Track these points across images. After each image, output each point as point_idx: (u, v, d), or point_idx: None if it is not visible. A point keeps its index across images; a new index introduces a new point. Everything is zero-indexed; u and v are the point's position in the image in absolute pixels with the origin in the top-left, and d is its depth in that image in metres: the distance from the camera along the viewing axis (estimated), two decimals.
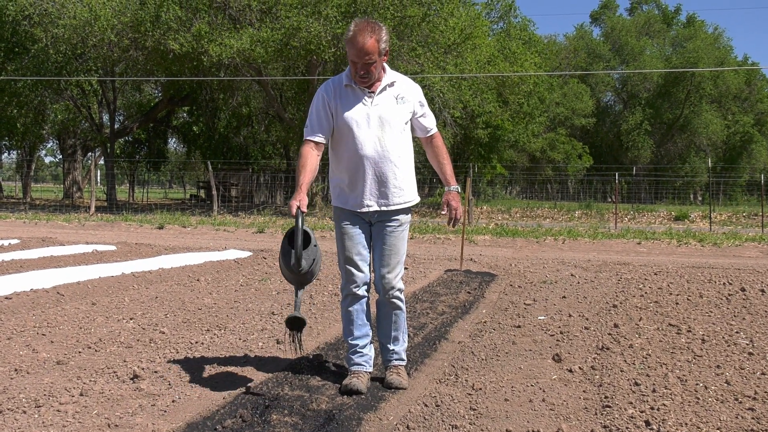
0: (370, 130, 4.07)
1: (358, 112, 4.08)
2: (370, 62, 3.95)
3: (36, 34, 24.87)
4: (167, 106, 34.41)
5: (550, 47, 46.57)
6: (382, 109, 4.10)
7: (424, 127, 4.32)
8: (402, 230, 4.25)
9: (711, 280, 9.25)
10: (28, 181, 40.33)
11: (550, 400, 3.96)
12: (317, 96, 4.17)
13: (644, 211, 29.37)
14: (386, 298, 4.24)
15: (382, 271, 4.20)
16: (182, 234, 16.39)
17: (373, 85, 4.12)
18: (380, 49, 3.96)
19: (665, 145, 53.08)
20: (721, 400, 3.96)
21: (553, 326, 6.07)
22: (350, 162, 4.12)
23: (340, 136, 4.13)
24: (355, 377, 4.11)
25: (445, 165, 4.35)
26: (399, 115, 4.14)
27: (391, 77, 4.17)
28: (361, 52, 3.92)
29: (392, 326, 4.30)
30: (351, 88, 4.12)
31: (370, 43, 3.90)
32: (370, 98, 4.10)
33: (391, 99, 4.14)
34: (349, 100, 4.11)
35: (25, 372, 4.35)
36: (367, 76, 4.02)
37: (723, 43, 54.43)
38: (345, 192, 4.20)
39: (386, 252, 4.20)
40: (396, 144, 4.13)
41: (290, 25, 21.52)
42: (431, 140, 4.35)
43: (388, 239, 4.20)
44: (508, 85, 28.95)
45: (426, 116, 4.31)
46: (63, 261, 9.88)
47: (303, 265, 3.82)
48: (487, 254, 12.61)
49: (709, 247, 14.57)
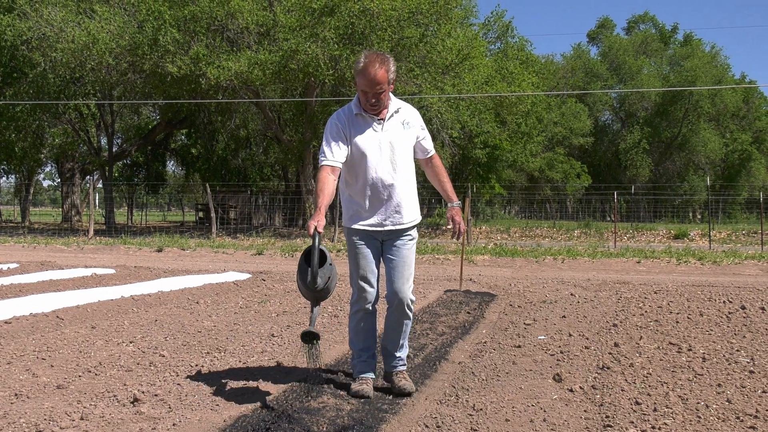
0: (383, 155, 4.35)
1: (370, 138, 4.36)
2: (380, 91, 4.24)
3: (34, 59, 24.95)
4: (165, 128, 34.50)
5: (548, 67, 46.80)
6: (392, 135, 4.38)
7: (425, 149, 4.61)
8: (413, 244, 4.51)
9: (711, 299, 9.25)
10: (26, 205, 40.37)
11: (551, 420, 3.95)
12: (331, 124, 4.40)
13: (643, 229, 29.38)
14: (399, 310, 4.46)
15: (397, 283, 4.43)
16: (181, 256, 16.38)
17: (381, 113, 4.39)
18: (389, 79, 4.25)
19: (664, 163, 53.22)
20: (723, 419, 3.95)
21: (554, 346, 6.06)
22: (364, 186, 4.37)
23: (354, 162, 4.37)
24: (363, 383, 4.44)
25: (446, 183, 4.64)
26: (406, 139, 4.44)
27: (396, 104, 4.46)
28: (372, 82, 4.20)
29: (400, 335, 4.54)
30: (361, 117, 4.38)
31: (380, 73, 4.19)
32: (380, 125, 4.39)
33: (399, 125, 4.43)
34: (361, 127, 4.38)
35: (25, 396, 4.33)
36: (377, 104, 4.31)
37: (720, 61, 54.74)
38: (359, 213, 4.44)
39: (399, 264, 4.44)
40: (405, 167, 4.42)
41: (288, 47, 21.62)
42: (431, 161, 4.64)
43: (401, 253, 4.45)
44: (506, 105, 29.04)
45: (426, 139, 4.60)
46: (62, 285, 9.87)
47: (319, 282, 3.98)
48: (486, 274, 12.61)
49: (709, 265, 14.57)
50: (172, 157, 44.22)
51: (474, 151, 33.15)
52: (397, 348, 4.57)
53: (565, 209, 46.14)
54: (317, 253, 3.99)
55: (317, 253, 3.99)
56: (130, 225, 36.49)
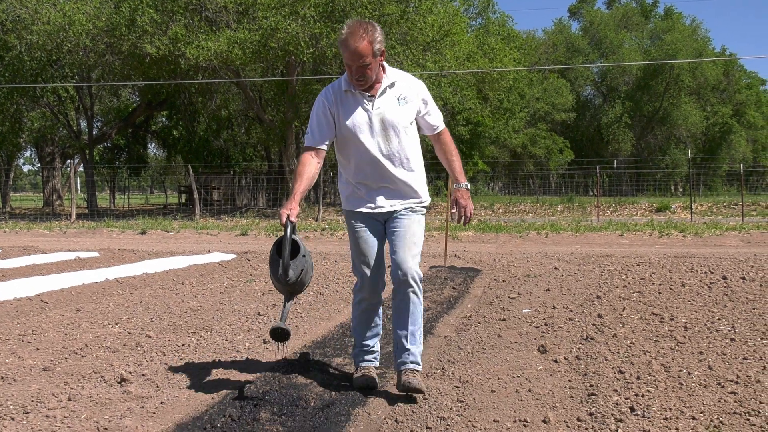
0: (374, 135, 3.97)
1: (359, 117, 3.96)
2: (365, 65, 3.81)
3: (10, 41, 24.65)
4: (145, 110, 34.24)
5: (529, 42, 46.72)
6: (384, 112, 3.97)
7: (431, 125, 4.18)
8: (416, 214, 4.08)
9: (693, 270, 9.35)
10: (7, 190, 39.97)
11: (536, 390, 4.00)
12: (317, 103, 4.05)
13: (626, 203, 29.57)
14: (404, 285, 3.97)
15: (398, 254, 3.98)
16: (165, 238, 16.33)
17: (372, 88, 3.99)
18: (374, 51, 3.81)
19: (645, 137, 53.44)
20: (704, 385, 4.01)
21: (538, 318, 6.12)
22: (358, 168, 4.03)
23: (345, 143, 4.03)
24: (366, 371, 4.10)
25: (454, 161, 4.18)
26: (402, 116, 4.00)
27: (391, 77, 4.04)
28: (354, 55, 3.78)
29: (409, 318, 4.00)
30: (351, 93, 3.99)
31: (363, 45, 3.76)
32: (371, 102, 3.97)
33: (393, 100, 4.00)
34: (350, 106, 3.99)
35: (11, 379, 4.33)
36: (363, 79, 3.89)
37: (701, 34, 54.90)
38: (356, 194, 4.09)
39: (401, 233, 4.01)
40: (402, 146, 4.01)
41: (268, 25, 21.46)
42: (439, 137, 4.20)
43: (402, 222, 4.03)
44: (488, 82, 29.07)
45: (431, 114, 4.16)
46: (46, 269, 9.83)
47: (291, 275, 3.72)
48: (471, 250, 12.66)
49: (691, 237, 14.70)
50: (153, 140, 43.93)
51: (456, 128, 33.14)
52: (406, 335, 4.00)
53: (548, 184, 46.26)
54: (289, 243, 3.69)
55: (289, 244, 3.69)
56: (112, 208, 36.29)
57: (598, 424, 3.41)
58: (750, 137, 57.18)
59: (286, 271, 3.69)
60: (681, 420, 3.44)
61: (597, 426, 3.38)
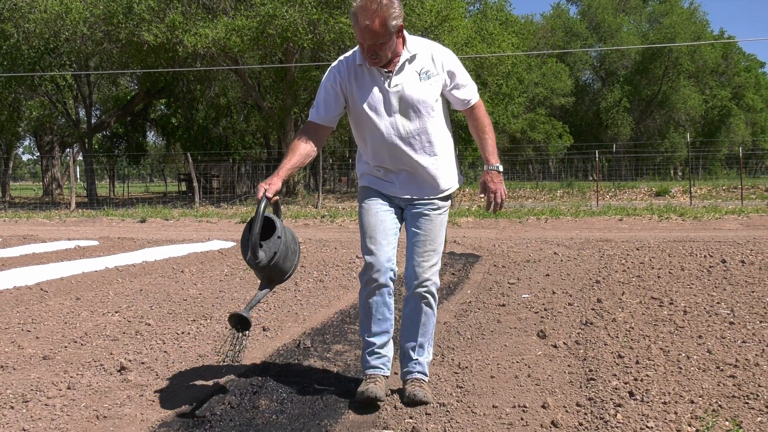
0: (392, 115, 3.50)
1: (375, 96, 3.50)
2: (379, 42, 3.33)
3: (7, 30, 24.57)
4: (144, 99, 34.17)
5: (527, 27, 46.53)
6: (403, 90, 3.48)
7: (461, 100, 3.65)
8: (439, 214, 3.65)
9: (692, 253, 9.35)
10: (6, 179, 39.97)
11: (536, 376, 4.00)
12: (328, 74, 3.60)
13: (625, 187, 29.60)
14: (417, 294, 3.62)
15: (416, 260, 3.63)
16: (165, 227, 16.33)
17: (390, 63, 3.49)
18: (390, 29, 3.31)
19: (644, 121, 53.35)
20: (703, 369, 4.02)
21: (537, 304, 6.12)
22: (375, 151, 3.59)
23: (361, 124, 3.58)
24: (371, 382, 3.55)
25: (486, 139, 3.67)
26: (425, 93, 3.50)
27: (412, 49, 3.52)
28: (365, 34, 3.31)
29: (419, 329, 3.66)
30: (366, 68, 3.51)
31: (375, 24, 3.27)
32: (388, 79, 3.48)
33: (413, 76, 3.50)
34: (365, 82, 3.51)
35: (11, 368, 4.34)
36: (376, 57, 3.40)
37: (699, 17, 54.65)
38: (373, 174, 3.67)
39: (420, 239, 3.63)
40: (424, 127, 3.53)
41: (265, 12, 21.38)
42: (471, 112, 3.68)
43: (424, 224, 3.63)
44: (487, 67, 28.93)
45: (460, 87, 3.61)
46: (45, 258, 9.82)
47: (261, 256, 3.32)
48: (470, 236, 12.66)
49: (690, 221, 14.71)
50: (152, 128, 43.89)
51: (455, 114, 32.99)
52: (414, 347, 3.66)
53: (547, 169, 46.26)
54: (261, 220, 3.31)
55: (260, 221, 3.31)
56: (112, 197, 36.27)
57: (597, 408, 3.41)
58: (749, 120, 57.10)
59: (254, 251, 3.29)
60: (680, 404, 3.44)
61: (596, 411, 3.38)
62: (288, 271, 3.51)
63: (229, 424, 3.35)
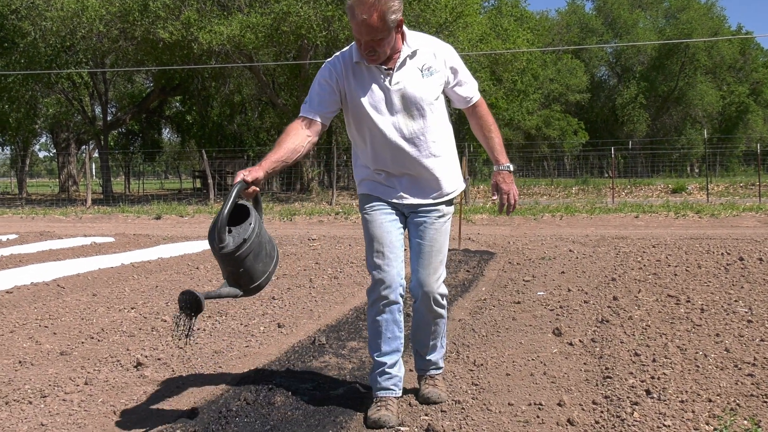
0: (394, 114, 3.33)
1: (376, 95, 3.32)
2: (377, 39, 3.16)
3: (24, 28, 24.74)
4: (159, 96, 34.33)
5: (543, 23, 46.45)
6: (405, 87, 3.31)
7: (463, 98, 3.50)
8: (444, 223, 3.50)
9: (709, 251, 9.28)
10: (23, 176, 40.23)
11: (552, 373, 3.99)
12: (322, 69, 3.41)
13: (641, 184, 29.43)
14: (426, 306, 3.49)
15: (422, 273, 3.45)
16: (180, 223, 16.40)
17: (390, 60, 3.33)
18: (389, 24, 3.13)
19: (661, 118, 53.07)
20: (721, 368, 3.99)
21: (553, 301, 6.10)
22: (375, 152, 3.40)
23: (360, 124, 3.39)
24: (382, 407, 3.36)
25: (493, 138, 3.53)
26: (426, 90, 3.34)
27: (413, 44, 3.36)
28: (362, 29, 3.13)
29: (431, 336, 3.58)
30: (364, 66, 3.33)
31: (372, 18, 3.09)
32: (388, 76, 3.31)
33: (415, 73, 3.34)
34: (363, 80, 3.34)
35: (29, 363, 4.37)
36: (374, 54, 3.23)
37: (716, 12, 54.22)
38: (373, 179, 3.47)
39: (426, 249, 3.45)
40: (427, 126, 3.38)
41: (280, 9, 21.42)
42: (474, 110, 3.54)
43: (428, 233, 3.46)
44: (501, 63, 28.88)
45: (462, 84, 3.47)
46: (62, 254, 9.89)
47: (226, 240, 2.96)
48: (485, 233, 12.63)
49: (707, 218, 14.60)
50: (167, 125, 44.06)
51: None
52: (426, 350, 3.62)
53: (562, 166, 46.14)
54: (230, 204, 2.96)
55: (230, 205, 2.96)
56: (127, 194, 36.42)
57: (614, 407, 3.39)
58: (767, 116, 56.62)
59: (220, 234, 2.94)
60: (697, 403, 3.42)
61: (612, 409, 3.37)
62: (257, 275, 3.11)
63: (244, 420, 3.36)
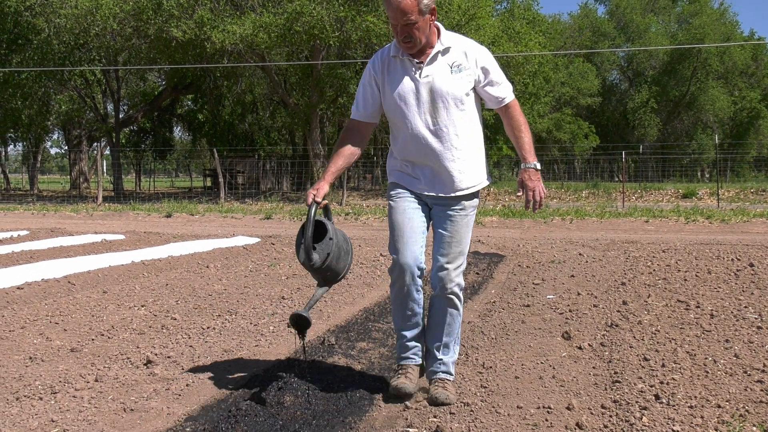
0: (421, 106, 3.54)
1: (405, 86, 3.55)
2: (410, 23, 3.37)
3: (38, 25, 24.89)
4: (171, 94, 34.44)
5: (555, 26, 46.31)
6: (433, 81, 3.52)
7: (494, 98, 3.67)
8: (466, 216, 3.69)
9: (719, 257, 9.25)
10: (34, 172, 40.52)
11: (561, 377, 3.99)
12: (365, 71, 3.70)
13: (651, 189, 29.34)
14: (442, 294, 3.67)
15: (441, 261, 3.67)
16: (190, 222, 16.45)
17: (423, 54, 3.55)
18: (421, 7, 3.37)
19: (672, 122, 52.91)
20: (730, 374, 3.98)
21: (562, 305, 6.09)
22: (404, 143, 3.62)
23: (391, 115, 3.62)
24: (402, 375, 3.67)
25: (522, 138, 3.67)
26: (455, 86, 3.53)
27: (447, 41, 3.57)
28: (397, 12, 3.36)
29: (445, 329, 3.71)
30: (399, 60, 3.57)
31: (406, 1, 3.33)
32: (419, 69, 3.53)
33: (445, 68, 3.54)
34: (397, 73, 3.58)
35: (39, 360, 4.39)
36: (410, 40, 3.44)
37: (729, 18, 54.14)
38: (401, 172, 3.71)
39: (446, 240, 3.67)
40: (453, 120, 3.55)
41: (293, 9, 21.47)
42: (506, 111, 3.70)
43: (450, 226, 3.67)
44: (513, 66, 28.79)
45: (494, 84, 3.64)
46: (72, 251, 9.93)
47: (314, 258, 3.45)
48: (494, 235, 12.62)
49: (717, 223, 14.55)
50: (178, 123, 44.20)
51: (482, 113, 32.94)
52: (440, 347, 3.71)
53: (573, 170, 46.02)
54: (312, 225, 3.45)
55: (312, 225, 3.45)
56: (138, 191, 36.56)
57: (623, 411, 3.39)
58: None
59: (308, 253, 3.43)
60: (706, 408, 3.41)
61: (621, 413, 3.36)
62: (341, 271, 3.64)
63: (254, 419, 3.36)
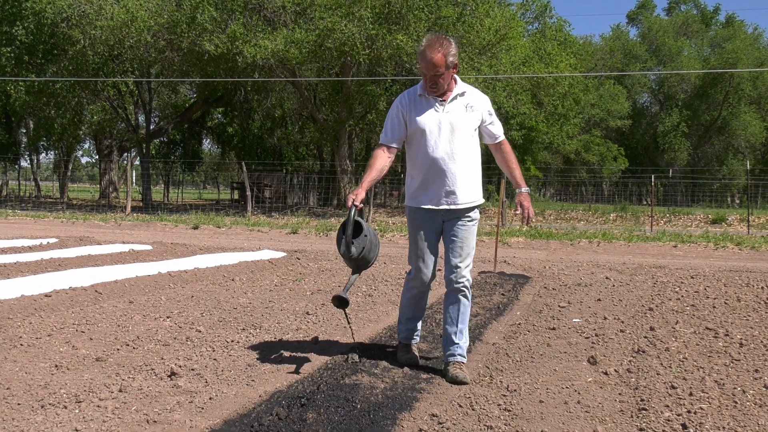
0: (442, 134, 4.49)
1: (430, 118, 4.51)
2: (438, 74, 4.39)
3: (74, 36, 25.24)
4: (202, 107, 34.73)
5: (586, 48, 46.15)
6: (452, 116, 4.51)
7: (493, 134, 4.72)
8: (472, 225, 4.62)
9: (749, 284, 9.12)
10: (65, 181, 40.95)
11: (586, 403, 3.94)
12: (394, 106, 4.65)
13: (680, 213, 29.00)
14: (456, 288, 4.56)
15: (454, 261, 4.55)
16: (217, 234, 16.54)
17: (444, 95, 4.55)
18: (447, 63, 4.40)
19: (702, 147, 52.38)
20: (760, 404, 3.91)
21: (588, 329, 6.03)
22: (423, 163, 4.53)
23: (415, 141, 4.56)
24: (407, 351, 4.80)
25: (514, 169, 4.73)
26: (468, 122, 4.55)
27: (461, 88, 4.61)
28: (430, 65, 4.37)
29: (459, 317, 4.57)
30: (424, 98, 4.56)
31: (437, 57, 4.35)
32: (442, 106, 4.53)
33: (461, 107, 4.55)
34: (422, 108, 4.55)
35: (65, 368, 4.42)
36: (436, 86, 4.46)
37: (763, 43, 53.54)
38: (419, 191, 4.59)
39: (458, 244, 4.57)
40: (465, 148, 4.52)
41: (324, 26, 21.60)
42: (500, 147, 4.76)
43: (460, 233, 4.57)
44: (543, 87, 28.77)
45: (494, 124, 4.70)
46: (100, 260, 10.02)
47: (353, 250, 4.39)
48: (520, 256, 12.55)
49: (747, 250, 14.36)
50: (208, 135, 44.56)
51: (510, 133, 32.86)
52: (456, 331, 4.57)
53: (601, 192, 45.69)
54: (351, 224, 4.37)
55: (351, 224, 4.37)
56: (166, 202, 36.83)
57: None
58: None
59: (348, 247, 4.38)
60: None
61: None
62: (371, 260, 4.63)
63: None
